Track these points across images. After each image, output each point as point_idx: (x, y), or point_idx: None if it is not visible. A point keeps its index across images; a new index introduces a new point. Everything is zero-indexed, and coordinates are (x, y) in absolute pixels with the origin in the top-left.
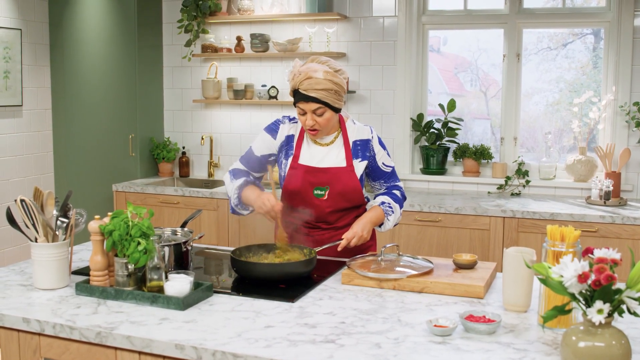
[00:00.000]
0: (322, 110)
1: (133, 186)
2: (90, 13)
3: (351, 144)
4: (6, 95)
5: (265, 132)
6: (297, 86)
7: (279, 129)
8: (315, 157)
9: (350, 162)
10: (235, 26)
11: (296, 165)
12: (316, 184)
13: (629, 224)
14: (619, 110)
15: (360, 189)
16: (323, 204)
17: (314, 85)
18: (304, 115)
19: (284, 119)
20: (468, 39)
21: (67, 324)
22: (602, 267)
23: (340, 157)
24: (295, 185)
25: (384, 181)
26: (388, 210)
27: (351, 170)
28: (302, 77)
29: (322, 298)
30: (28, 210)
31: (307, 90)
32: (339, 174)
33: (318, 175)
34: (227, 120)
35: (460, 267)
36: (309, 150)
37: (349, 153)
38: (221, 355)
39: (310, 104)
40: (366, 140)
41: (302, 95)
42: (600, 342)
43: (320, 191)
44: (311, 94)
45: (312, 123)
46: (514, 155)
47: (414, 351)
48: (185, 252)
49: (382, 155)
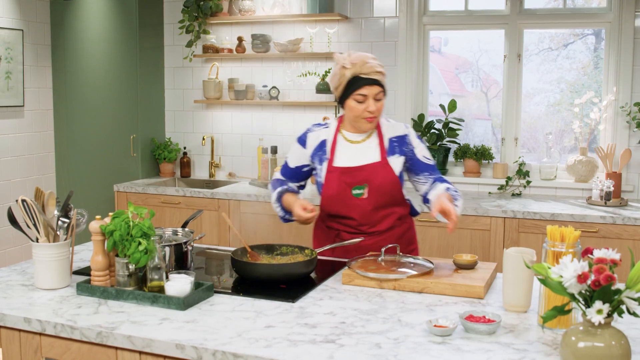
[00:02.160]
0: (381, 95)
1: (134, 186)
2: (91, 14)
3: (387, 141)
4: (8, 96)
5: (297, 143)
6: (358, 72)
7: (307, 137)
8: (349, 157)
9: (385, 156)
10: (236, 27)
11: (332, 169)
12: (353, 184)
13: (630, 225)
14: (620, 110)
15: (398, 181)
16: (363, 202)
17: (375, 68)
18: (364, 102)
19: (313, 127)
20: (469, 40)
21: (68, 324)
22: (602, 267)
23: (375, 153)
24: (333, 188)
25: (429, 174)
26: (455, 195)
27: (385, 164)
28: (360, 63)
29: (323, 298)
30: (29, 210)
31: (369, 73)
32: (374, 169)
33: (354, 174)
34: (228, 121)
35: (461, 268)
36: (343, 151)
37: (383, 149)
38: (222, 355)
39: (374, 87)
40: (402, 135)
41: (366, 80)
42: (599, 343)
43: (358, 190)
44: (374, 76)
45: (374, 108)
46: (515, 155)
47: (414, 351)
48: (186, 252)
49: (421, 149)
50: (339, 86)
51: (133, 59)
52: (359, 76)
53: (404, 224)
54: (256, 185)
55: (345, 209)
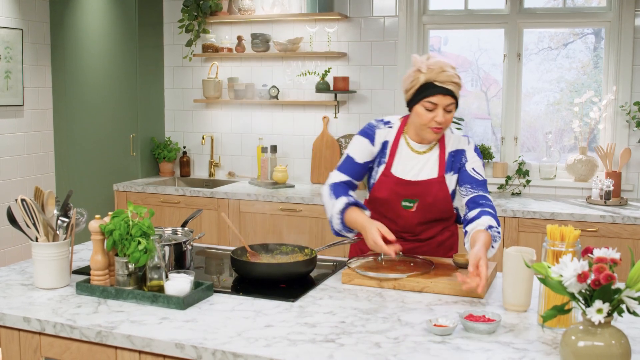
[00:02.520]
0: (452, 106)
1: (134, 186)
2: (91, 13)
3: (447, 155)
4: (7, 95)
5: (363, 137)
6: (433, 79)
7: (376, 134)
8: (408, 168)
9: (442, 174)
10: (236, 26)
11: (388, 174)
12: (405, 196)
13: (630, 224)
14: (620, 110)
15: (450, 200)
16: (411, 215)
17: (451, 78)
18: (433, 111)
19: (379, 123)
20: (469, 39)
21: (67, 324)
22: (602, 266)
23: (433, 168)
24: (383, 194)
25: (471, 187)
26: (496, 236)
27: (442, 181)
28: (438, 69)
29: (322, 297)
30: (29, 209)
31: (444, 82)
32: (430, 186)
33: (408, 187)
34: (227, 120)
35: (461, 267)
36: (402, 159)
37: (442, 164)
38: (221, 354)
39: (447, 97)
40: (461, 150)
41: (439, 88)
42: (599, 342)
43: (408, 203)
44: (449, 86)
45: (443, 119)
46: (515, 155)
47: (414, 350)
48: (186, 251)
49: (473, 162)
50: (411, 89)
51: (133, 58)
52: (432, 83)
53: (447, 232)
54: (256, 185)
55: (391, 215)
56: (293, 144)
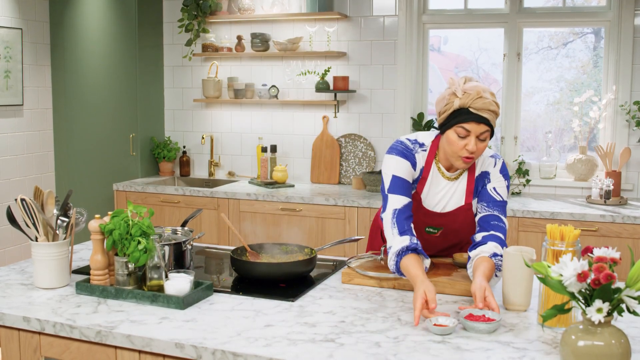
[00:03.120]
0: (486, 135)
1: (134, 185)
2: (91, 12)
3: (475, 180)
4: (7, 95)
5: (403, 159)
6: (468, 104)
7: (416, 159)
8: (437, 199)
9: (470, 200)
10: (235, 25)
11: (417, 198)
12: (430, 224)
13: (629, 223)
14: (620, 109)
15: (474, 227)
16: (433, 239)
17: (488, 106)
18: (465, 138)
19: (415, 146)
20: (468, 38)
21: (67, 323)
22: (602, 266)
23: (461, 197)
24: None
25: (487, 206)
26: (500, 265)
27: (469, 209)
28: (474, 95)
29: (322, 297)
30: (28, 209)
31: (480, 110)
32: (456, 215)
33: (435, 218)
34: (227, 120)
35: (460, 267)
36: (432, 186)
37: (470, 191)
38: (221, 354)
39: (480, 125)
40: (486, 172)
41: (474, 116)
42: (599, 341)
43: (432, 230)
44: (484, 114)
45: (475, 149)
46: (515, 154)
47: (413, 350)
48: (185, 251)
49: (496, 182)
50: (444, 113)
51: (132, 57)
52: (467, 109)
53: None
54: (256, 184)
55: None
56: (293, 144)
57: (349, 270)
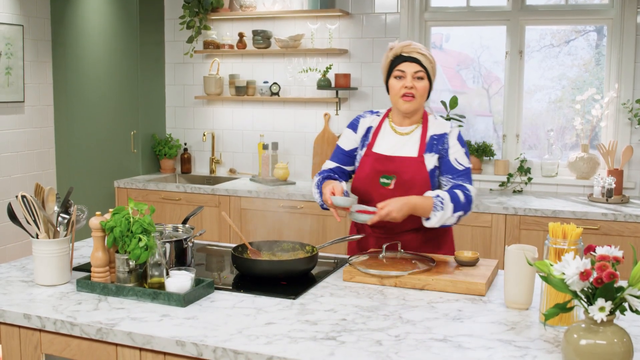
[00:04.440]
0: (422, 74)
1: (135, 182)
2: (92, 9)
3: (428, 138)
4: (8, 92)
5: (348, 128)
6: (399, 52)
7: (359, 122)
8: (389, 146)
9: (422, 153)
10: (237, 22)
11: (369, 153)
12: (383, 172)
13: (631, 222)
14: (622, 107)
15: (429, 180)
16: (388, 193)
17: (417, 49)
18: (402, 79)
19: (365, 113)
20: (470, 36)
21: (68, 320)
22: (604, 264)
23: (413, 148)
24: (364, 172)
25: (452, 177)
26: (438, 205)
27: (421, 162)
28: (404, 43)
29: (324, 295)
30: (29, 206)
31: (410, 52)
32: (407, 163)
33: (386, 163)
34: (228, 117)
35: (462, 265)
36: (384, 139)
37: (423, 145)
38: (222, 352)
39: (412, 64)
40: (443, 134)
41: (405, 57)
42: (602, 340)
43: (386, 180)
44: (414, 55)
45: (411, 85)
46: (516, 152)
47: (415, 348)
48: (187, 248)
49: (456, 150)
50: (384, 68)
51: (133, 54)
52: (400, 55)
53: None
54: (257, 182)
55: (371, 196)
56: (294, 141)
57: (351, 268)
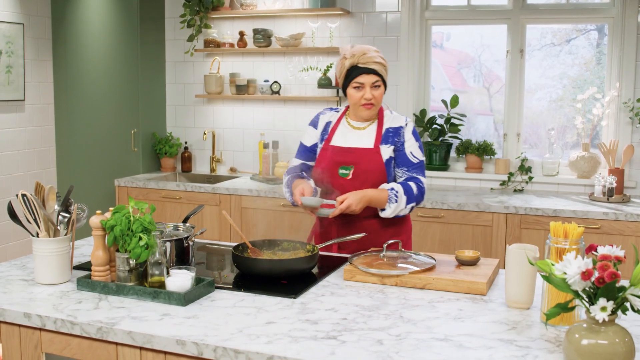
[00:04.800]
0: (379, 83)
1: (135, 181)
2: (92, 8)
3: (384, 131)
4: (8, 90)
5: (309, 126)
6: (356, 62)
7: (319, 119)
8: (346, 140)
9: (377, 144)
10: (237, 21)
11: (327, 147)
12: (342, 163)
13: (632, 221)
14: (623, 106)
15: (385, 171)
16: (347, 183)
17: (373, 59)
18: (361, 90)
19: (325, 110)
20: (471, 35)
21: (68, 319)
22: (606, 264)
23: (370, 140)
24: (322, 164)
25: (407, 169)
26: (392, 198)
27: (377, 152)
28: (359, 53)
29: (324, 294)
30: (29, 205)
31: (366, 63)
32: (365, 154)
33: (344, 154)
34: (229, 116)
35: (463, 264)
36: (342, 133)
37: (378, 137)
38: (222, 351)
39: (370, 75)
40: (399, 127)
41: (362, 69)
42: (603, 340)
43: (345, 170)
44: (371, 66)
45: (370, 96)
46: (517, 151)
47: (416, 348)
48: (187, 247)
49: (411, 144)
50: (340, 75)
51: (134, 53)
52: (357, 65)
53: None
54: (257, 180)
55: (331, 186)
56: (295, 140)
57: (351, 267)
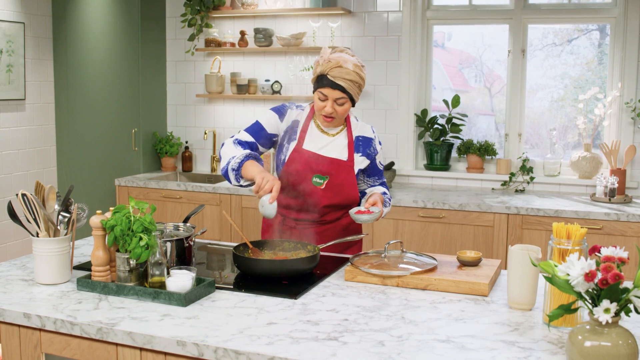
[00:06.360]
0: (344, 100)
1: (135, 181)
2: (93, 7)
3: (354, 139)
4: (9, 89)
5: (273, 112)
6: (326, 72)
7: (287, 113)
8: (319, 147)
9: (352, 157)
10: (238, 20)
11: (300, 150)
12: (317, 172)
13: (634, 222)
14: (625, 106)
15: (356, 187)
16: (320, 193)
17: (344, 74)
18: (324, 101)
19: (291, 105)
20: (473, 35)
21: (68, 320)
22: (610, 265)
23: (343, 150)
24: (297, 168)
25: (378, 178)
26: (387, 202)
27: (350, 166)
28: (333, 64)
29: (325, 295)
30: (29, 204)
31: (335, 77)
32: (340, 167)
33: (320, 162)
34: (230, 115)
35: (465, 265)
36: (313, 138)
37: (351, 147)
38: (223, 352)
39: (335, 91)
40: (369, 138)
41: (329, 82)
42: (606, 342)
43: (319, 179)
44: (339, 82)
45: (331, 110)
46: (519, 151)
47: (418, 349)
48: (188, 247)
49: (380, 154)
50: (313, 77)
51: (135, 52)
52: (326, 76)
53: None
54: None
55: (300, 190)
56: None
57: (352, 267)
